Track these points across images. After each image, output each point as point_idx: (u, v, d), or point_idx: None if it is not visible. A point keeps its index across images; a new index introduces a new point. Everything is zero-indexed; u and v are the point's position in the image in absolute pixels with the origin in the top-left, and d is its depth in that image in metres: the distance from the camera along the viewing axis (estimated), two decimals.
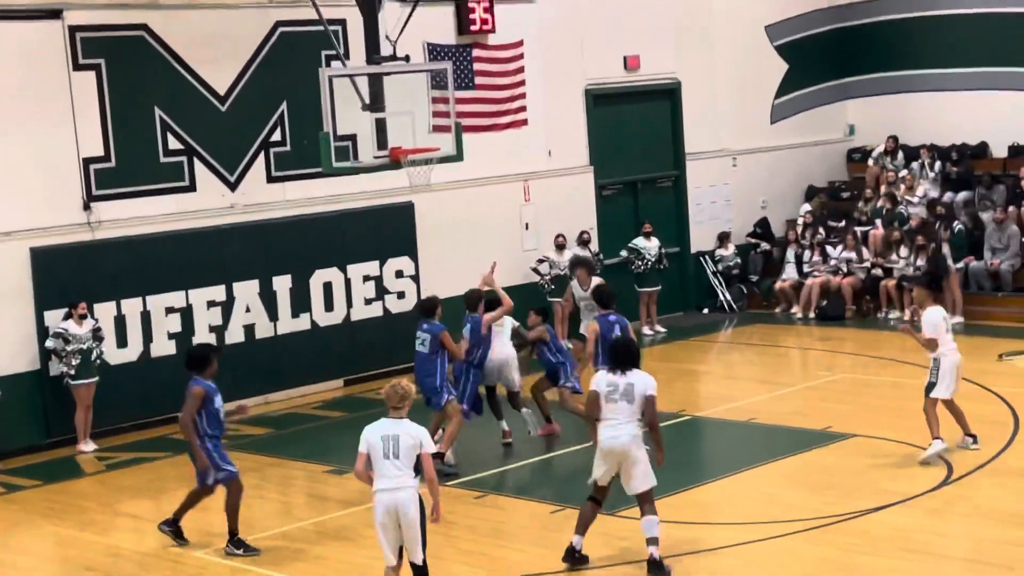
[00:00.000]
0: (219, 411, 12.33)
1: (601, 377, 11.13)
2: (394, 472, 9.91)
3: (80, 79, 17.42)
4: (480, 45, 21.20)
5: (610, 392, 10.98)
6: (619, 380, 10.97)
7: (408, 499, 9.93)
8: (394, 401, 10.05)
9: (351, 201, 19.79)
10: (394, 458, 9.92)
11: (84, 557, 12.82)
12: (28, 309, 17.01)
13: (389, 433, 9.98)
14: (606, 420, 11.00)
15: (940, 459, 13.80)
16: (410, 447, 9.96)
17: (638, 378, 11.00)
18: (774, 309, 23.69)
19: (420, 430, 10.08)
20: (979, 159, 24.59)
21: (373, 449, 9.97)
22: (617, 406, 10.96)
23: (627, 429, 10.95)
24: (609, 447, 11.01)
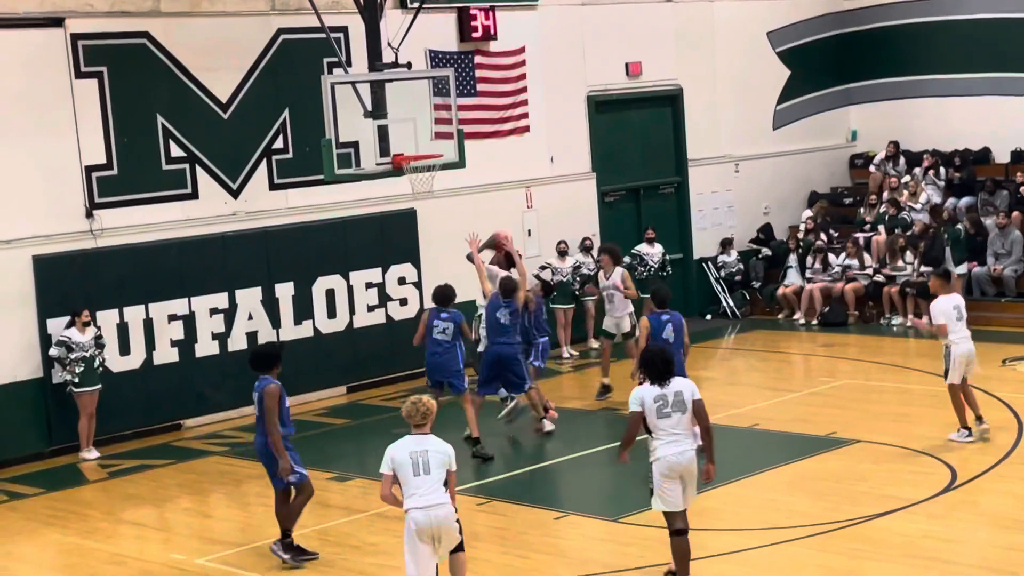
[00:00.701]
0: (288, 410, 12.21)
1: (645, 393, 10.40)
2: (427, 488, 9.63)
3: (82, 87, 17.43)
4: (482, 52, 21.22)
5: (660, 407, 10.34)
6: (666, 392, 10.36)
7: (446, 514, 9.70)
8: (416, 419, 9.82)
9: (353, 208, 19.80)
10: (425, 474, 9.65)
11: (87, 565, 12.81)
12: (31, 317, 17.01)
13: (417, 450, 9.70)
14: (665, 436, 10.34)
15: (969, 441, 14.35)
16: (440, 463, 9.71)
17: (683, 385, 10.48)
18: (777, 315, 23.68)
19: (447, 446, 9.83)
20: (982, 164, 24.57)
21: (401, 468, 9.66)
22: (671, 419, 10.34)
23: (689, 442, 10.42)
24: (677, 462, 10.34)
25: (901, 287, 22.18)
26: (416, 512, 9.61)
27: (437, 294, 16.02)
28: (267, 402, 11.88)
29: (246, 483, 15.31)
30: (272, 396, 11.90)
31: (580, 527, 13.01)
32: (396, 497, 9.76)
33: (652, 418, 10.33)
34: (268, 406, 11.88)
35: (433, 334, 15.70)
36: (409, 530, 9.64)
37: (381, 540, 12.83)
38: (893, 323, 22.09)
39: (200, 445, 17.41)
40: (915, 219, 23.44)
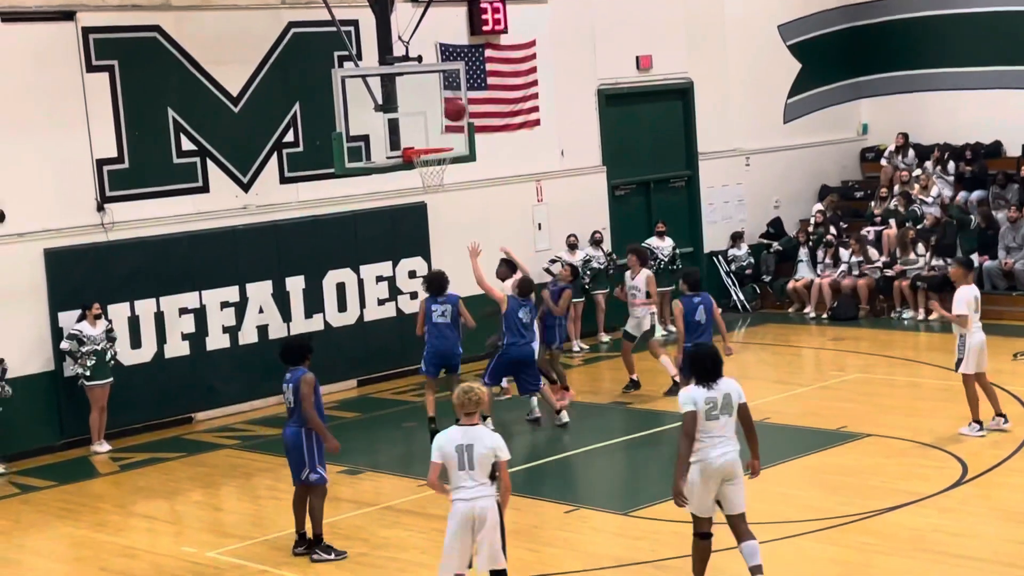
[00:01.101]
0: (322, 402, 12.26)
1: (696, 394, 10.12)
2: (471, 483, 9.68)
3: (93, 80, 17.45)
4: (492, 45, 21.21)
5: (710, 409, 10.07)
6: (715, 394, 10.10)
7: (487, 508, 9.72)
8: (468, 408, 9.74)
9: (364, 202, 19.81)
10: (469, 469, 9.67)
11: (98, 558, 12.84)
12: (42, 310, 17.05)
13: (463, 443, 9.67)
14: (709, 438, 10.07)
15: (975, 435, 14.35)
16: (485, 456, 9.69)
17: (731, 387, 10.23)
18: (787, 309, 23.66)
19: (495, 439, 9.79)
20: (993, 158, 24.52)
21: (448, 460, 9.68)
22: (719, 422, 10.10)
23: (733, 444, 10.16)
24: (720, 465, 10.06)
25: (912, 281, 22.13)
26: (460, 503, 9.72)
27: (432, 281, 16.33)
28: (304, 389, 11.93)
29: (257, 476, 15.34)
30: (309, 383, 11.96)
31: (590, 521, 13.01)
32: (441, 486, 9.83)
33: (700, 420, 10.08)
34: (305, 392, 11.93)
35: (433, 319, 16.02)
36: (452, 518, 9.78)
37: (392, 533, 12.85)
38: (904, 317, 22.06)
39: (211, 438, 17.44)
40: (926, 212, 23.40)
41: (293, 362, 12.20)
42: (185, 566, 12.36)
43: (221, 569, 12.22)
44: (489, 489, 9.73)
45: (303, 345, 12.41)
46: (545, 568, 11.66)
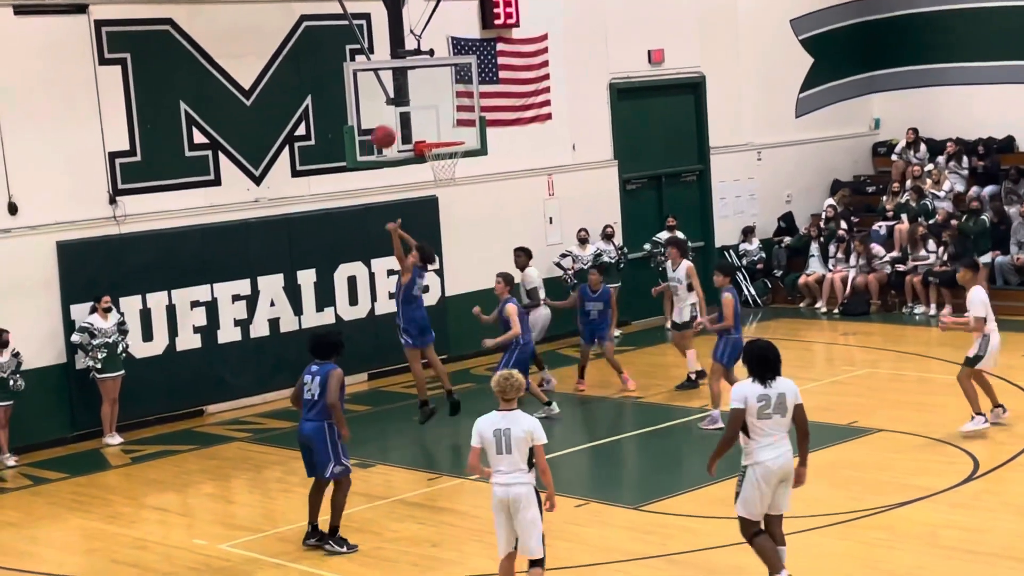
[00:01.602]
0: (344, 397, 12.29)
1: (748, 390, 9.81)
2: (507, 467, 9.86)
3: (106, 73, 17.48)
4: (504, 39, 21.20)
5: (762, 407, 9.75)
6: (769, 392, 9.77)
7: (522, 494, 9.87)
8: (508, 393, 9.92)
9: (375, 195, 19.82)
10: (507, 453, 9.84)
11: (110, 550, 12.88)
12: (54, 303, 17.09)
13: (501, 427, 9.85)
14: (763, 438, 9.78)
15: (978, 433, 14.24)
16: (521, 440, 9.85)
17: (787, 386, 9.86)
18: (798, 304, 23.63)
19: (531, 422, 9.92)
20: (1005, 153, 24.46)
21: (486, 443, 9.88)
22: (771, 421, 9.77)
23: (787, 445, 9.87)
24: (778, 468, 9.79)
25: (923, 276, 22.10)
26: (497, 487, 9.93)
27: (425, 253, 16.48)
28: (332, 383, 11.92)
29: (268, 469, 15.36)
30: (338, 379, 11.96)
31: (601, 515, 13.02)
32: (482, 468, 10.03)
33: (752, 418, 9.77)
34: (332, 387, 11.92)
35: (414, 291, 16.25)
36: (492, 502, 10.03)
37: (402, 527, 12.87)
38: (915, 312, 22.02)
39: (222, 431, 17.48)
40: (938, 207, 23.35)
41: (324, 356, 12.18)
42: (196, 558, 12.39)
43: (232, 562, 12.25)
44: (526, 476, 9.89)
45: (336, 341, 12.39)
46: (556, 562, 11.67)
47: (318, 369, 12.08)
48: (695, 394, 17.35)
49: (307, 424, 12.11)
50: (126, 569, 12.27)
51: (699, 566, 11.28)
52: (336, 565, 11.93)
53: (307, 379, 12.12)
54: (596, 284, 18.02)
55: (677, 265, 17.88)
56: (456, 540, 12.55)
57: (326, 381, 11.96)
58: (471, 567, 11.77)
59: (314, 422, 12.05)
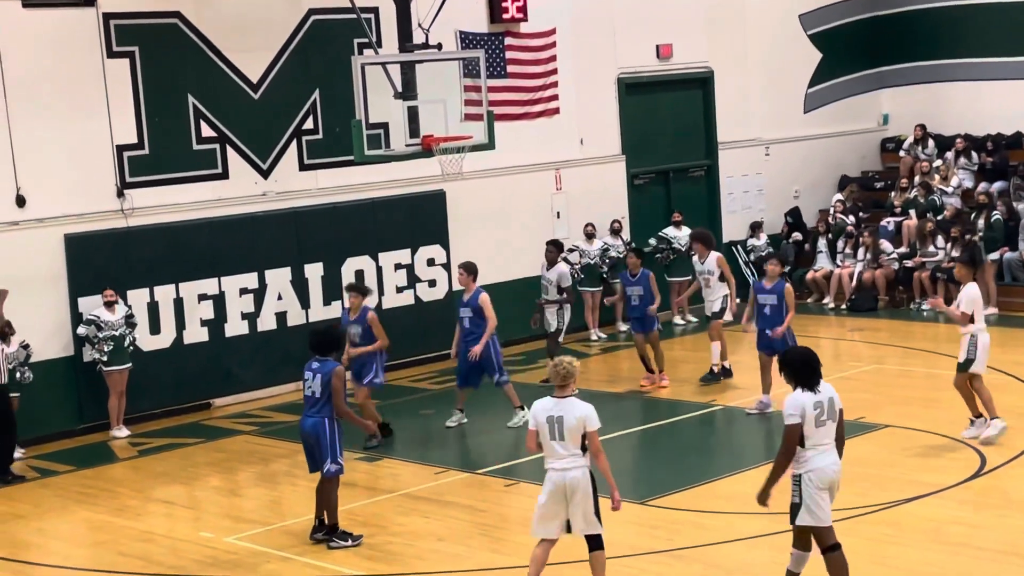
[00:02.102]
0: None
1: (805, 401, 9.51)
2: (562, 453, 9.97)
3: (114, 66, 17.49)
4: (512, 33, 21.18)
5: (818, 415, 9.48)
6: (821, 399, 9.52)
7: (578, 478, 9.98)
8: (558, 380, 10.05)
9: (383, 189, 19.83)
10: (560, 439, 9.96)
11: (117, 542, 12.90)
12: (62, 295, 17.11)
13: (554, 414, 9.97)
14: (818, 445, 9.50)
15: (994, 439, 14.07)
16: (574, 428, 9.94)
17: (831, 390, 9.65)
18: (806, 299, 23.61)
19: (585, 409, 9.98)
20: (1014, 149, 24.40)
21: (541, 428, 10.02)
22: (826, 428, 9.53)
23: (836, 452, 9.64)
24: (834, 474, 9.54)
25: (931, 272, 22.06)
26: (552, 472, 10.02)
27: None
28: (335, 383, 11.92)
29: (275, 462, 15.38)
30: (340, 377, 11.98)
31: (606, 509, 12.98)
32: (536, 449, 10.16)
33: (809, 427, 9.48)
34: (336, 387, 11.92)
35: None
36: (545, 485, 10.10)
37: (409, 521, 12.88)
38: (923, 308, 21.99)
39: (229, 424, 17.50)
40: (946, 203, 23.31)
41: (324, 352, 12.18)
42: (203, 551, 12.40)
43: (239, 555, 12.26)
44: (581, 460, 9.98)
45: (337, 337, 12.45)
46: (563, 556, 11.66)
47: (319, 367, 12.07)
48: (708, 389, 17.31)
49: (308, 420, 12.13)
50: (133, 561, 12.28)
51: (705, 562, 11.28)
52: (342, 559, 11.94)
53: (307, 376, 12.12)
54: (635, 268, 17.76)
55: (705, 257, 17.76)
56: (462, 534, 12.55)
57: (328, 381, 11.96)
58: (477, 561, 11.77)
59: (315, 418, 12.06)
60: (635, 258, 17.99)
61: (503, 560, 11.74)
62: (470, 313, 15.98)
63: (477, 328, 15.93)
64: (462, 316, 16.12)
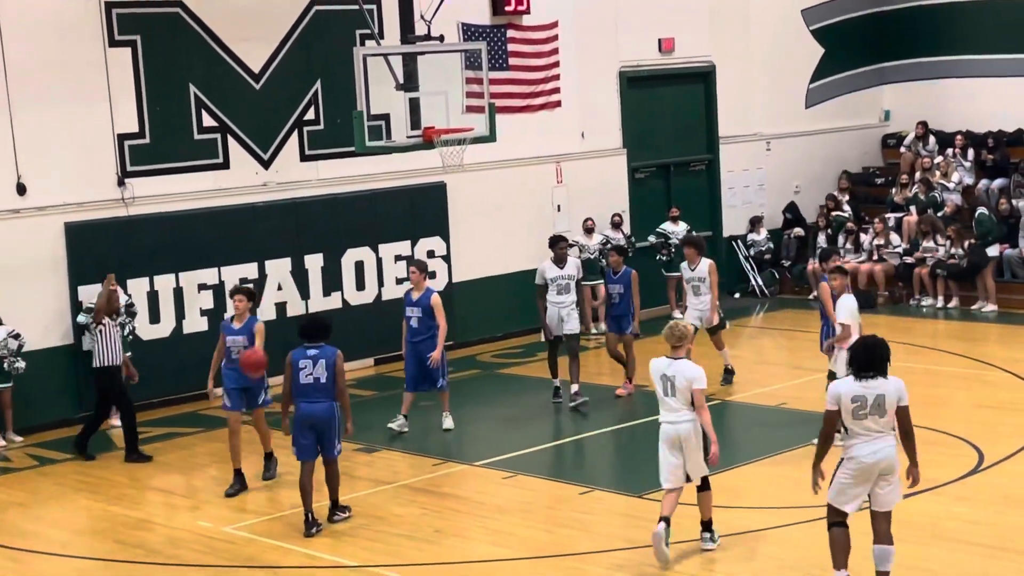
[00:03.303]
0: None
1: (843, 390, 9.64)
2: (674, 407, 10.99)
3: (115, 55, 17.48)
4: (515, 26, 21.17)
5: (857, 408, 9.55)
6: (866, 393, 9.55)
7: (688, 431, 10.96)
8: (673, 340, 11.05)
9: (384, 180, 19.82)
10: (672, 396, 10.97)
11: (115, 531, 12.92)
12: (62, 284, 17.11)
13: (668, 373, 10.98)
14: (860, 434, 9.61)
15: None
16: (684, 387, 10.91)
17: (889, 387, 9.59)
18: (807, 295, 23.59)
19: (694, 372, 10.91)
20: (1015, 146, 24.41)
21: (656, 385, 11.07)
22: (867, 422, 9.58)
23: (888, 441, 9.64)
24: (872, 463, 9.62)
25: (931, 268, 22.07)
26: (665, 425, 11.07)
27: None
28: (339, 365, 12.19)
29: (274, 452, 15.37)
30: (342, 360, 12.26)
31: (605, 502, 13.03)
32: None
33: (847, 417, 9.63)
34: (340, 368, 12.19)
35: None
36: (660, 438, 11.11)
37: (406, 512, 12.89)
38: (923, 304, 22.00)
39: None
40: (947, 199, 23.32)
41: (318, 338, 12.29)
42: (201, 540, 12.42)
43: (237, 544, 12.28)
44: (690, 414, 10.95)
45: (329, 324, 12.56)
46: (559, 548, 11.69)
47: (318, 352, 12.17)
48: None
49: (318, 406, 12.17)
50: (131, 550, 12.30)
51: (703, 555, 11.28)
52: (340, 548, 11.96)
53: (304, 364, 12.16)
54: (618, 265, 17.03)
55: (696, 264, 17.06)
56: (460, 525, 12.57)
57: (334, 364, 12.12)
58: (475, 552, 11.79)
59: (325, 403, 12.16)
60: (617, 256, 17.17)
61: (501, 552, 11.75)
62: (419, 313, 15.42)
63: (427, 329, 15.42)
64: (410, 315, 15.53)
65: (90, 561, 12.18)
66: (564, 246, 16.95)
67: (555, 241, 16.93)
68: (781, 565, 11.01)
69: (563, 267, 16.74)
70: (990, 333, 20.29)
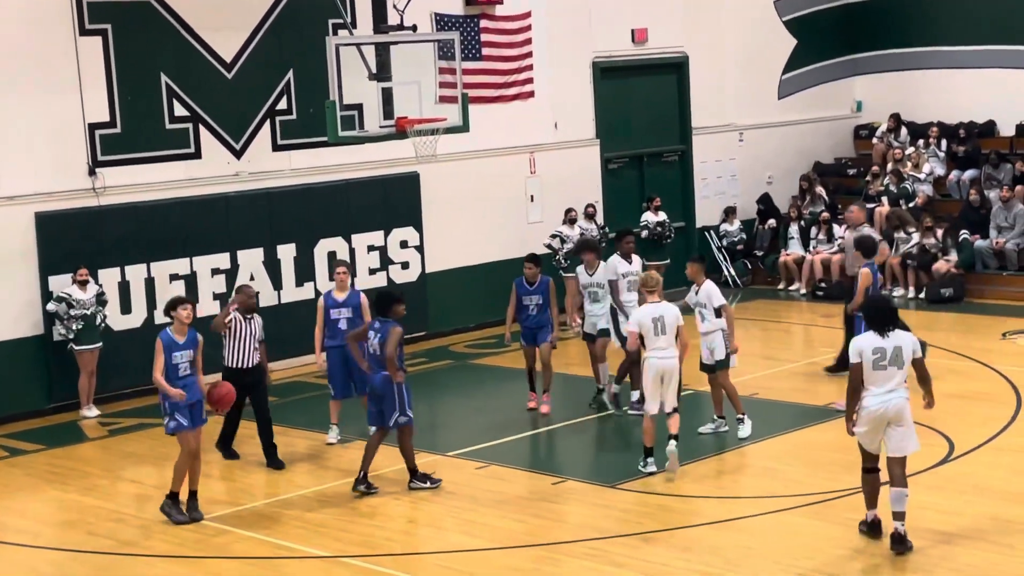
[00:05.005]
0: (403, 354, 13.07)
1: (865, 344, 10.65)
2: (664, 344, 13.05)
3: (87, 44, 17.38)
4: (488, 16, 21.13)
5: (877, 359, 10.58)
6: (886, 344, 10.60)
7: (673, 365, 13.10)
8: (652, 286, 13.21)
9: (356, 171, 19.77)
10: (662, 334, 13.03)
11: (86, 522, 12.86)
12: (32, 274, 17.02)
13: (656, 315, 13.02)
14: (874, 386, 10.63)
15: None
16: (673, 324, 13.07)
17: (905, 340, 10.68)
18: (778, 285, 23.68)
19: (676, 309, 13.20)
20: (986, 137, 24.53)
21: (645, 328, 13.01)
22: (886, 372, 10.60)
23: (900, 392, 10.67)
24: (883, 412, 10.63)
25: (902, 259, 22.16)
26: (653, 360, 13.05)
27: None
28: (391, 339, 12.68)
29: (245, 444, 15.30)
30: (397, 335, 12.73)
31: (578, 493, 13.05)
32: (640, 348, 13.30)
33: (868, 370, 10.62)
34: (390, 342, 12.67)
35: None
36: (649, 372, 13.08)
37: (379, 502, 12.89)
38: (894, 294, 22.08)
39: None
40: (918, 190, 23.42)
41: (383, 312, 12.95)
42: (173, 531, 12.38)
43: (207, 535, 12.25)
44: (674, 351, 13.08)
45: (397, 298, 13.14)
46: (532, 539, 11.70)
47: (380, 326, 12.89)
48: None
49: (377, 376, 12.87)
50: (102, 541, 12.25)
51: (675, 544, 11.32)
52: (312, 539, 11.94)
53: (371, 335, 12.98)
54: (533, 277, 15.53)
55: (594, 269, 15.60)
56: (432, 516, 12.57)
57: (386, 338, 12.69)
58: (448, 543, 11.79)
59: (382, 374, 12.78)
60: (533, 267, 15.59)
61: (473, 542, 11.75)
62: (349, 314, 14.72)
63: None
64: (336, 317, 14.74)
65: (61, 552, 12.13)
66: (629, 240, 15.78)
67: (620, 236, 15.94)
68: (749, 554, 11.05)
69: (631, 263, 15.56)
70: (960, 323, 20.38)
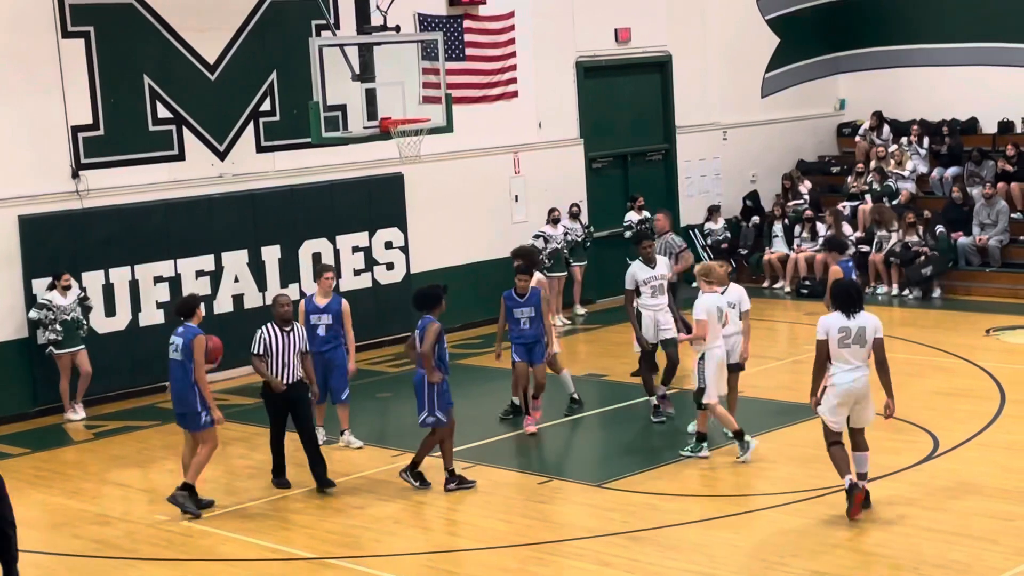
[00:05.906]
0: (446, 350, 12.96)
1: (831, 323, 11.36)
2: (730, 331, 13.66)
3: (69, 46, 17.34)
4: (471, 16, 21.14)
5: (842, 338, 11.30)
6: (850, 324, 11.32)
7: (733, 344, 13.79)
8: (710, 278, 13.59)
9: (340, 172, 19.76)
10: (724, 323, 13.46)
11: (72, 525, 12.84)
12: (16, 277, 16.98)
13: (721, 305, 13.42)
14: (841, 363, 11.33)
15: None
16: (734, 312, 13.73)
17: (869, 321, 11.39)
18: (763, 283, 23.72)
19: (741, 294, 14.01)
20: (969, 135, 24.61)
21: (711, 318, 13.23)
22: (850, 351, 11.32)
23: (864, 370, 11.40)
24: (851, 389, 11.35)
25: (885, 256, 22.21)
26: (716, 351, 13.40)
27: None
28: (428, 335, 12.63)
29: (231, 445, 15.31)
30: (434, 331, 12.64)
31: (563, 492, 13.06)
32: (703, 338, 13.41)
33: (833, 347, 11.30)
34: (427, 338, 12.60)
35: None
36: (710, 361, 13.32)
37: (364, 503, 12.88)
38: (878, 292, 22.13)
39: None
40: (901, 188, 23.49)
41: (422, 308, 12.87)
42: (158, 534, 12.37)
43: (193, 537, 12.24)
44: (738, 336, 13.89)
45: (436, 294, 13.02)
46: (518, 539, 11.71)
47: (420, 323, 12.82)
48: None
49: (416, 375, 12.94)
50: (88, 544, 12.23)
51: (660, 543, 11.34)
52: (298, 541, 11.94)
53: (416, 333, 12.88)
54: (524, 288, 14.87)
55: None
56: (419, 517, 12.58)
57: (423, 334, 12.66)
58: (434, 543, 11.80)
59: (419, 372, 12.83)
60: (525, 279, 14.83)
61: (460, 542, 11.77)
62: (329, 320, 14.42)
63: (334, 338, 14.45)
64: (316, 323, 14.41)
65: (47, 556, 12.10)
66: (648, 245, 15.33)
67: (638, 239, 15.52)
68: (736, 552, 11.08)
69: (654, 267, 15.18)
70: (944, 320, 20.43)
